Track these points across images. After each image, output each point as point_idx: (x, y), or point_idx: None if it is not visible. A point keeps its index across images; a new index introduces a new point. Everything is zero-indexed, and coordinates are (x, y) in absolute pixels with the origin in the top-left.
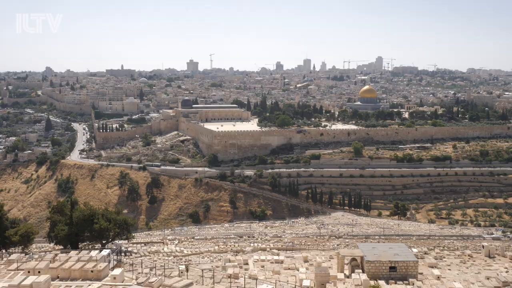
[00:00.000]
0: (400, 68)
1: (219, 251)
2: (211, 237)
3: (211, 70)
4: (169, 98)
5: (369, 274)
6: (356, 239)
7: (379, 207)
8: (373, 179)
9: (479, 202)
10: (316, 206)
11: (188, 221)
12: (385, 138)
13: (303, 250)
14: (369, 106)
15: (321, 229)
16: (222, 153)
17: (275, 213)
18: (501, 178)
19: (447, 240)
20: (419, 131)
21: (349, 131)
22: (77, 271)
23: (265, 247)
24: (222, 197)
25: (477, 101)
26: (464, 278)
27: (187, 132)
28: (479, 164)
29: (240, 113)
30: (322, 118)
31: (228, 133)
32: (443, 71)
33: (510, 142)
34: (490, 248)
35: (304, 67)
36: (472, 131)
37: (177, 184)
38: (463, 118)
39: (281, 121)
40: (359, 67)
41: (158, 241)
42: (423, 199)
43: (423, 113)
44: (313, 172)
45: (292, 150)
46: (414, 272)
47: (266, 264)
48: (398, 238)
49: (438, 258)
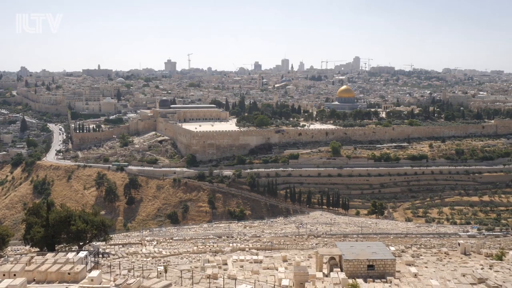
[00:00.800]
0: (377, 68)
1: (198, 251)
2: (190, 237)
3: (189, 70)
4: (146, 98)
5: (348, 273)
6: (335, 238)
7: (357, 206)
8: (351, 179)
9: (455, 200)
10: (294, 206)
11: (167, 222)
12: (362, 138)
13: (282, 250)
14: (346, 106)
15: (299, 228)
16: (200, 153)
17: (254, 213)
18: (476, 177)
19: (424, 238)
20: (396, 130)
21: (327, 130)
22: (53, 274)
23: (244, 247)
24: (200, 198)
25: (452, 101)
26: (440, 276)
27: (165, 132)
28: (455, 163)
29: (218, 113)
30: (300, 118)
31: (207, 133)
32: (419, 71)
33: (484, 141)
34: (466, 245)
35: (282, 67)
36: (448, 131)
37: (155, 185)
38: (439, 118)
39: (260, 121)
40: (336, 67)
41: (136, 242)
42: (400, 198)
43: (400, 112)
44: (291, 172)
45: (271, 150)
46: (391, 270)
47: (245, 264)
48: (376, 236)
49: (415, 256)
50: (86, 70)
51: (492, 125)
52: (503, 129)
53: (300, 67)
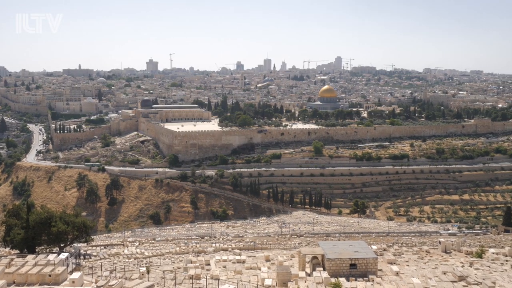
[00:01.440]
0: (359, 68)
1: (180, 252)
2: (172, 238)
3: (171, 70)
4: (128, 98)
5: (330, 272)
6: (317, 237)
7: (339, 206)
8: (333, 178)
9: (435, 199)
10: (277, 205)
11: (149, 223)
12: (344, 137)
13: (265, 250)
14: (328, 105)
15: (282, 228)
16: (182, 153)
17: (236, 213)
18: (457, 175)
19: (405, 237)
20: (378, 130)
21: (310, 130)
22: (34, 276)
23: (227, 247)
24: (183, 198)
25: (433, 101)
26: (422, 274)
27: (147, 132)
28: (435, 162)
29: (200, 113)
30: (283, 117)
31: (189, 133)
32: (400, 71)
33: (464, 140)
34: (447, 243)
35: (264, 67)
36: (429, 130)
37: (137, 185)
38: (420, 117)
39: (242, 121)
40: (318, 67)
41: (118, 243)
42: (382, 197)
43: (381, 112)
44: (274, 172)
45: (253, 150)
46: (373, 269)
47: (228, 264)
48: (358, 235)
49: (397, 255)
50: (66, 70)
51: (472, 125)
52: (482, 128)
53: (282, 67)
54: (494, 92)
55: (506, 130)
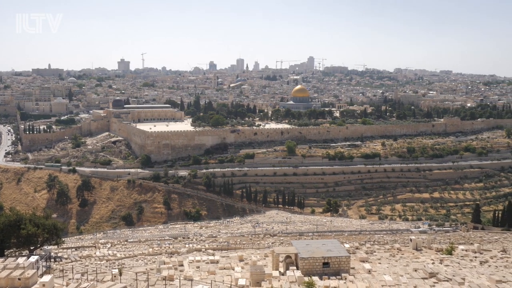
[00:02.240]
0: (331, 68)
1: (153, 253)
2: (145, 239)
3: (143, 70)
4: (99, 98)
5: (303, 271)
6: (291, 236)
7: (312, 205)
8: (306, 177)
9: (406, 197)
10: (250, 205)
11: (121, 224)
12: (317, 137)
13: (238, 250)
14: (301, 105)
15: (256, 228)
16: (155, 153)
17: (210, 213)
18: (427, 174)
19: (377, 235)
20: (350, 129)
21: (282, 130)
22: (3, 280)
23: (200, 248)
24: (156, 199)
25: (403, 100)
26: (393, 271)
27: (119, 133)
28: (406, 161)
29: (173, 113)
30: (256, 117)
31: (162, 134)
32: (371, 71)
33: (434, 139)
34: (418, 241)
35: (237, 66)
36: (400, 129)
37: (109, 186)
38: (391, 117)
39: (215, 121)
40: (291, 67)
41: (89, 245)
42: (354, 196)
43: (353, 112)
44: (247, 172)
45: (226, 149)
46: (346, 267)
47: (201, 264)
48: (331, 234)
49: (369, 253)
50: (36, 70)
51: (442, 124)
52: (451, 127)
53: (255, 67)
54: (463, 92)
55: (474, 129)
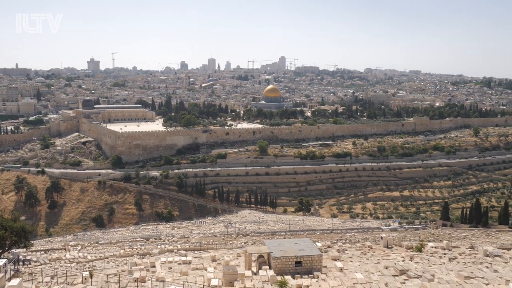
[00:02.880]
0: (302, 68)
1: (124, 255)
2: (116, 241)
3: (114, 69)
4: (69, 98)
5: (276, 270)
6: (263, 236)
7: (284, 204)
8: (278, 177)
9: (377, 195)
10: (223, 205)
11: (92, 226)
12: (289, 136)
13: (211, 250)
14: (273, 105)
15: (228, 228)
16: (126, 154)
17: (182, 213)
18: (397, 172)
19: (349, 233)
20: (321, 129)
21: (254, 130)
22: None
23: (173, 249)
24: (127, 200)
25: (374, 100)
26: (365, 269)
27: (89, 133)
28: (377, 160)
29: (144, 113)
30: (228, 117)
31: (132, 134)
32: (342, 71)
33: (404, 138)
34: (388, 239)
35: (209, 66)
36: (370, 128)
37: (79, 188)
38: (362, 116)
39: (187, 121)
40: (263, 67)
41: (59, 248)
42: (326, 195)
43: (324, 111)
44: (219, 172)
45: (198, 149)
46: (318, 266)
47: (173, 265)
48: (303, 233)
49: (341, 251)
50: (2, 69)
51: (411, 123)
52: (421, 126)
53: (227, 67)
54: (431, 92)
55: (443, 128)
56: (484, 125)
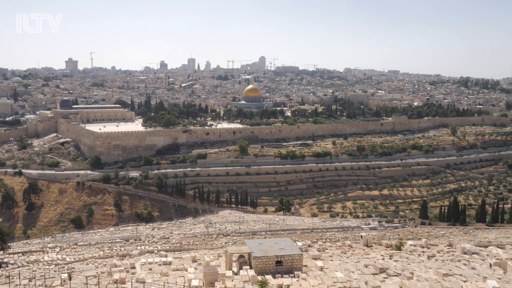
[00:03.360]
0: (282, 67)
1: (104, 256)
2: (96, 242)
3: (92, 69)
4: (46, 99)
5: (257, 270)
6: (244, 236)
7: (265, 204)
8: (259, 177)
9: (357, 194)
10: (203, 205)
11: (70, 227)
12: (269, 136)
13: (192, 250)
14: (253, 105)
15: (209, 228)
16: (105, 155)
17: (162, 214)
18: (376, 172)
19: (329, 232)
20: (301, 128)
21: (235, 130)
22: None
23: (153, 249)
24: (106, 201)
25: (353, 99)
26: (345, 268)
27: (67, 134)
28: (356, 159)
29: (123, 113)
30: (208, 117)
31: (112, 134)
32: (322, 71)
33: (383, 137)
34: (368, 237)
35: (188, 66)
36: (350, 128)
37: (58, 189)
38: (341, 116)
39: (166, 121)
40: (243, 67)
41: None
42: (306, 194)
43: (304, 111)
44: (199, 172)
45: (178, 150)
46: (299, 265)
47: (154, 266)
48: (283, 233)
49: (321, 250)
50: None
51: (390, 122)
52: (399, 126)
53: (206, 67)
54: (410, 91)
55: (421, 127)
56: (462, 124)
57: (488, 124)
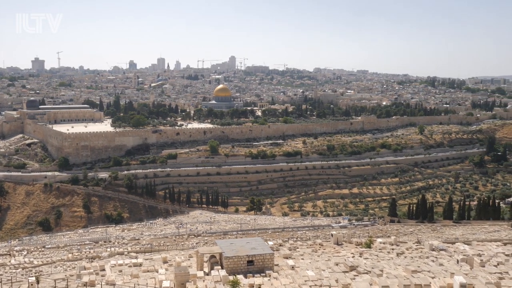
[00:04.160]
0: (252, 67)
1: (73, 258)
2: (64, 244)
3: (59, 69)
4: (12, 99)
5: (228, 270)
6: (215, 236)
7: (236, 204)
8: (230, 176)
9: (327, 193)
10: (174, 206)
11: (38, 230)
12: (240, 136)
13: (162, 251)
14: (223, 104)
15: (179, 228)
16: (73, 156)
17: (132, 215)
18: (346, 170)
19: (300, 231)
20: (272, 128)
21: (205, 129)
22: None
23: (123, 251)
24: (75, 202)
25: (323, 99)
26: (316, 266)
27: (34, 134)
28: (327, 158)
29: (92, 113)
30: (178, 117)
31: (80, 135)
32: (292, 71)
33: (353, 136)
34: (338, 236)
35: (158, 66)
36: (320, 127)
37: (24, 191)
38: (311, 115)
39: (136, 121)
40: (213, 66)
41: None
42: (277, 194)
43: (274, 111)
44: (170, 172)
45: (148, 150)
46: (270, 264)
47: (124, 268)
48: (254, 232)
49: (292, 249)
50: None
51: (359, 122)
52: (368, 125)
53: (176, 66)
54: (378, 91)
55: (390, 126)
56: (429, 123)
57: (455, 123)
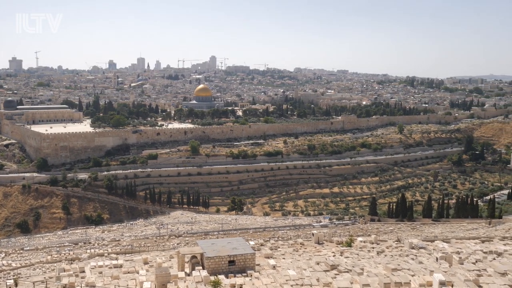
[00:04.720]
0: (233, 67)
1: (52, 261)
2: (43, 246)
3: (37, 69)
4: None
5: (209, 270)
6: (196, 236)
7: (217, 204)
8: (211, 177)
9: (308, 193)
10: (155, 207)
11: (16, 232)
12: (220, 136)
13: (143, 252)
14: (204, 104)
15: (160, 229)
16: (52, 156)
17: (112, 216)
18: (327, 170)
19: (281, 231)
20: (253, 128)
21: (186, 129)
22: None
23: (103, 253)
24: (54, 204)
25: (304, 99)
26: (297, 265)
27: (11, 135)
28: (307, 158)
29: (71, 114)
30: (158, 117)
31: (59, 135)
32: (272, 70)
33: (333, 136)
34: (319, 235)
35: (138, 66)
36: (300, 127)
37: (2, 193)
38: (292, 115)
39: (116, 121)
40: (193, 66)
41: None
42: (258, 193)
43: (255, 110)
44: (150, 172)
45: (129, 150)
46: (252, 264)
47: (104, 270)
48: (236, 232)
49: (274, 249)
50: None
51: (340, 121)
52: (349, 124)
53: (156, 66)
54: (358, 91)
55: (370, 126)
56: (408, 122)
57: (433, 122)
